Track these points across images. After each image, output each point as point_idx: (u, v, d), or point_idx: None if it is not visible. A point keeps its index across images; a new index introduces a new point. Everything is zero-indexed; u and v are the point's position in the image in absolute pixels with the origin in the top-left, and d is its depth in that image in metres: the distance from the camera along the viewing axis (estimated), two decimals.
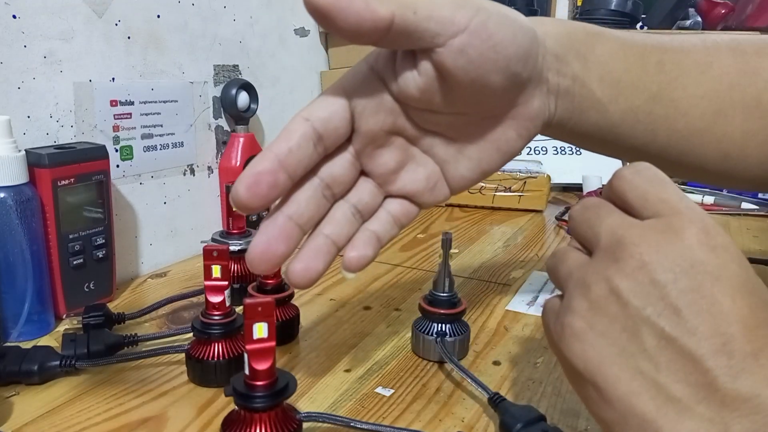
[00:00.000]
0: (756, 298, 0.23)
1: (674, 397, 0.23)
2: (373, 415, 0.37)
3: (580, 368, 0.25)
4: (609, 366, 0.24)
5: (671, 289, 0.23)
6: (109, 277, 0.53)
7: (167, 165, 0.64)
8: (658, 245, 0.24)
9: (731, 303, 0.23)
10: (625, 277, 0.24)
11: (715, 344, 0.22)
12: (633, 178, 0.27)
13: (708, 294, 0.23)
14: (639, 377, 0.23)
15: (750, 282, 0.24)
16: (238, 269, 0.53)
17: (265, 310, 0.30)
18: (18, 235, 0.44)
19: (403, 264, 0.65)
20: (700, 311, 0.23)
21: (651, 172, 0.27)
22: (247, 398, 0.30)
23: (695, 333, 0.23)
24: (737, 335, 0.22)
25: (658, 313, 0.23)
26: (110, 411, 0.37)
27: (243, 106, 0.70)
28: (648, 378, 0.23)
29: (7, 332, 0.45)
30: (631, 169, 0.27)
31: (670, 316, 0.23)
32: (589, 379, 0.25)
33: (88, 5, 0.54)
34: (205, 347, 0.40)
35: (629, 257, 0.24)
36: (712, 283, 0.23)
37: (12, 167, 0.43)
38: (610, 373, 0.24)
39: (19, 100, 0.49)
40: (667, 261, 0.24)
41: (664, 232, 0.25)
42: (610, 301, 0.25)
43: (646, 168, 0.27)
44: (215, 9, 0.67)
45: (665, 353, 0.23)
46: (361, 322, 0.50)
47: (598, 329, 0.25)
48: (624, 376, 0.24)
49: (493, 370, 0.43)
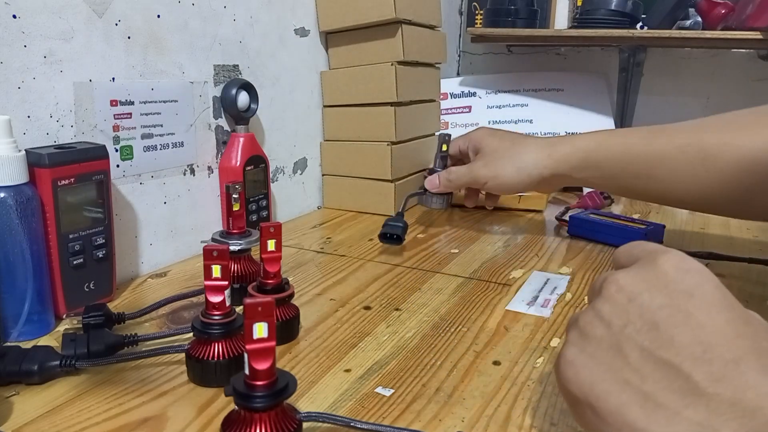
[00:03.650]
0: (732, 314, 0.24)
1: (662, 404, 0.23)
2: (373, 415, 0.37)
3: (575, 392, 0.27)
4: (599, 383, 0.26)
5: (648, 307, 0.25)
6: (109, 277, 0.53)
7: (167, 165, 0.64)
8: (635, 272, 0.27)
9: (707, 317, 0.24)
10: (606, 301, 0.27)
11: (694, 352, 0.23)
12: (625, 247, 0.31)
13: (683, 309, 0.24)
14: (627, 389, 0.25)
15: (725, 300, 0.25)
16: (238, 269, 0.53)
17: (265, 310, 0.30)
18: (18, 235, 0.44)
19: (403, 264, 0.65)
20: (677, 324, 0.24)
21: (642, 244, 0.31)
22: (247, 398, 0.30)
23: (673, 343, 0.24)
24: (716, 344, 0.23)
25: (638, 329, 0.25)
26: (110, 411, 0.37)
27: (243, 106, 0.70)
28: (635, 389, 0.24)
29: (7, 332, 0.45)
30: (625, 246, 0.32)
31: (648, 330, 0.25)
32: (583, 400, 0.26)
33: (88, 5, 0.54)
34: (205, 347, 0.40)
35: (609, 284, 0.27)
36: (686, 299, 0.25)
37: (12, 167, 0.43)
38: (600, 390, 0.25)
39: (19, 100, 0.49)
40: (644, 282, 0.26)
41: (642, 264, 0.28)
42: (595, 324, 0.27)
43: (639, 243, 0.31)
44: (215, 9, 0.68)
45: (648, 364, 0.24)
46: (361, 322, 0.50)
47: (587, 352, 0.27)
48: (613, 390, 0.25)
49: (493, 370, 0.43)
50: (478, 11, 1.34)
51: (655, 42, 1.21)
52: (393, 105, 0.83)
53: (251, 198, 0.71)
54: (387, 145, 0.83)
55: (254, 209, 0.72)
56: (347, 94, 0.86)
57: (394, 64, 0.81)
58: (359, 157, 0.86)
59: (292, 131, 0.84)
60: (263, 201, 0.73)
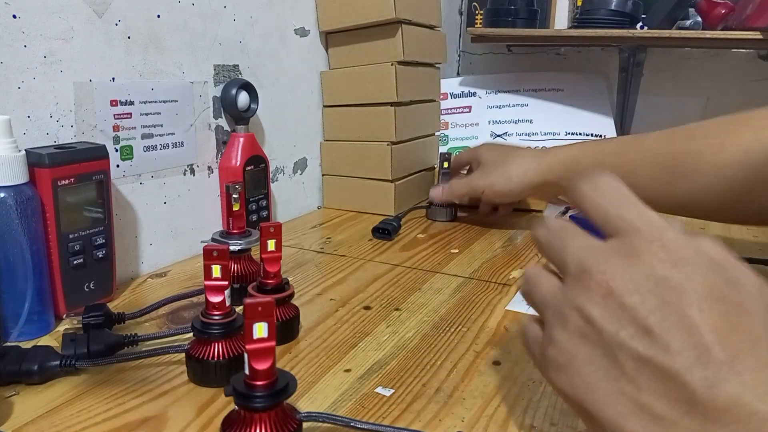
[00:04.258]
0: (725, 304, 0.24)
1: (658, 415, 0.23)
2: (373, 415, 0.37)
3: (570, 396, 0.26)
4: (595, 391, 0.25)
5: (640, 311, 0.24)
6: (109, 277, 0.53)
7: (167, 165, 0.64)
8: (621, 270, 0.25)
9: (699, 314, 0.23)
10: (596, 305, 0.25)
11: (689, 358, 0.23)
12: (593, 196, 0.29)
13: (676, 309, 0.24)
14: (623, 399, 0.24)
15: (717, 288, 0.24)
16: (238, 269, 0.53)
17: (265, 310, 0.30)
18: (18, 235, 0.44)
19: (403, 264, 0.65)
20: (671, 327, 0.23)
21: (609, 186, 0.28)
22: (247, 398, 0.30)
23: (668, 350, 0.23)
24: (710, 345, 0.23)
25: (631, 336, 0.24)
26: (110, 411, 0.37)
27: (243, 106, 0.70)
28: (632, 399, 0.24)
29: (7, 332, 0.45)
30: (590, 185, 0.29)
31: (642, 336, 0.24)
32: (579, 405, 0.26)
33: (88, 5, 0.54)
34: (205, 347, 0.40)
35: (597, 285, 0.26)
36: (678, 297, 0.24)
37: (12, 167, 0.43)
38: (596, 398, 0.25)
39: (19, 100, 0.49)
40: (632, 283, 0.25)
41: (626, 255, 0.26)
42: (587, 330, 0.26)
43: (605, 182, 0.29)
44: (215, 9, 0.67)
45: (644, 374, 0.24)
46: (361, 322, 0.50)
47: (580, 358, 0.26)
48: (610, 400, 0.25)
49: (493, 370, 0.43)
50: (478, 11, 1.34)
51: (655, 42, 1.20)
52: (393, 105, 0.83)
53: (251, 198, 0.71)
54: (387, 145, 0.83)
55: (254, 209, 0.72)
56: (347, 94, 0.86)
57: (394, 64, 0.81)
58: (359, 157, 0.86)
59: (292, 131, 0.84)
60: (263, 201, 0.73)
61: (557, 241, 0.29)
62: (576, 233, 0.29)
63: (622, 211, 0.28)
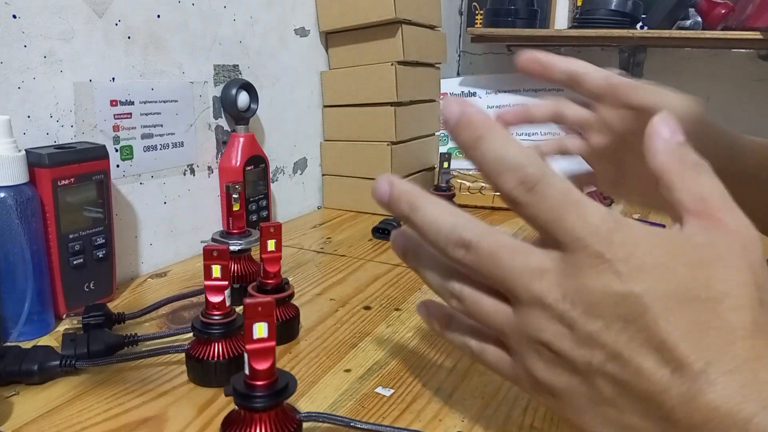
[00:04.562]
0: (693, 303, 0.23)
1: None
2: (373, 415, 0.37)
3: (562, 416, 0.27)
4: (583, 414, 0.25)
5: (606, 336, 0.24)
6: (109, 277, 0.53)
7: (167, 165, 0.64)
8: (578, 296, 0.24)
9: (666, 325, 0.22)
10: (562, 338, 0.25)
11: (664, 376, 0.22)
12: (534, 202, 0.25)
13: (642, 326, 0.23)
14: (608, 423, 0.25)
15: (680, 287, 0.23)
16: (238, 269, 0.53)
17: (265, 310, 0.30)
18: (18, 235, 0.44)
19: (403, 264, 0.65)
20: (640, 348, 0.23)
21: (552, 190, 0.25)
22: (247, 398, 0.30)
23: (641, 373, 0.23)
24: (683, 356, 0.22)
25: (603, 362, 0.24)
26: (110, 411, 0.37)
27: (243, 106, 0.70)
28: (616, 422, 0.24)
29: (7, 332, 0.45)
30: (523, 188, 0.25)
31: (614, 361, 0.23)
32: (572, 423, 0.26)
33: (88, 5, 0.54)
34: (205, 347, 0.40)
35: (558, 317, 0.24)
36: (641, 313, 0.23)
37: (12, 167, 0.43)
38: (585, 420, 0.25)
39: (19, 100, 0.49)
40: (592, 308, 0.24)
41: (576, 275, 0.24)
42: (560, 361, 0.25)
43: (547, 185, 0.25)
44: (215, 9, 0.67)
45: (622, 396, 0.24)
46: (361, 322, 0.50)
47: (561, 385, 0.26)
48: (595, 423, 0.25)
49: None
50: (478, 11, 1.34)
51: (655, 42, 1.21)
52: (393, 105, 0.83)
53: (251, 198, 0.71)
54: (387, 145, 0.83)
55: (254, 209, 0.72)
56: (347, 94, 0.86)
57: (394, 64, 0.81)
58: (359, 157, 0.86)
59: (292, 131, 0.84)
60: (263, 201, 0.73)
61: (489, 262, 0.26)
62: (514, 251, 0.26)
63: (565, 221, 0.24)
